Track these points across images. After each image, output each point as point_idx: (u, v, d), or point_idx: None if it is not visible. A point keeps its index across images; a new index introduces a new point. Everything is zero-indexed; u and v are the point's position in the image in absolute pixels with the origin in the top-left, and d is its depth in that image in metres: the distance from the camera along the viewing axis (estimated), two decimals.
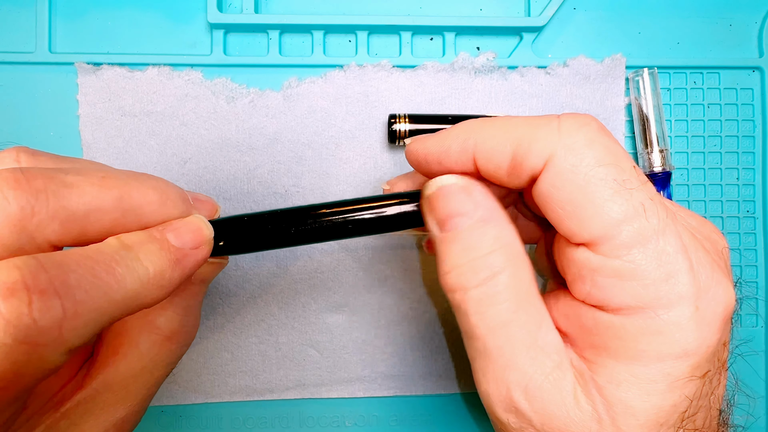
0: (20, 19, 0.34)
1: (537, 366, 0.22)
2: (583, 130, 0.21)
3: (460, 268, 0.23)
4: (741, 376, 0.35)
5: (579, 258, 0.22)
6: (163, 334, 0.25)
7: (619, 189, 0.20)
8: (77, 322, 0.17)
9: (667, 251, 0.20)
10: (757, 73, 0.37)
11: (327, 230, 0.24)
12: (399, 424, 0.35)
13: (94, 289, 0.18)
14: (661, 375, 0.20)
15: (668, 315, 0.20)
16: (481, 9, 0.37)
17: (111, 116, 0.34)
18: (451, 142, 0.24)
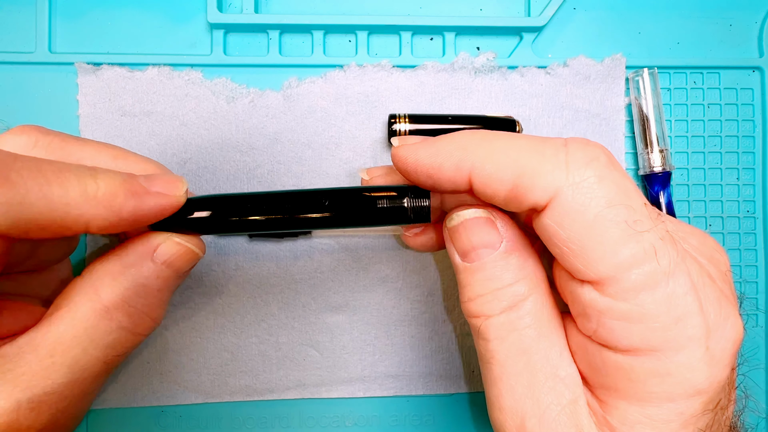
0: (20, 19, 0.34)
1: (554, 397, 0.21)
2: (592, 165, 0.20)
3: (483, 297, 0.23)
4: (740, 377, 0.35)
5: (584, 296, 0.21)
6: (102, 302, 0.23)
7: (630, 232, 0.19)
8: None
9: (677, 294, 0.19)
10: (757, 73, 0.37)
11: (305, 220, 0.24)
12: (399, 424, 0.35)
13: (31, 181, 0.20)
14: (675, 414, 0.20)
15: (678, 357, 0.19)
16: (481, 9, 0.37)
17: (111, 116, 0.34)
18: (444, 159, 0.22)
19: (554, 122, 0.36)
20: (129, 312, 0.24)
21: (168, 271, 0.24)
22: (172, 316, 0.34)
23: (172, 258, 0.24)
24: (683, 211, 0.37)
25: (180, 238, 0.24)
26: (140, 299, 0.24)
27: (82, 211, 0.21)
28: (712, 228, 0.37)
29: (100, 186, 0.21)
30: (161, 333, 0.34)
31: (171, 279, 0.25)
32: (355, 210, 0.24)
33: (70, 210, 0.21)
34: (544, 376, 0.22)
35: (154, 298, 0.25)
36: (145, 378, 0.34)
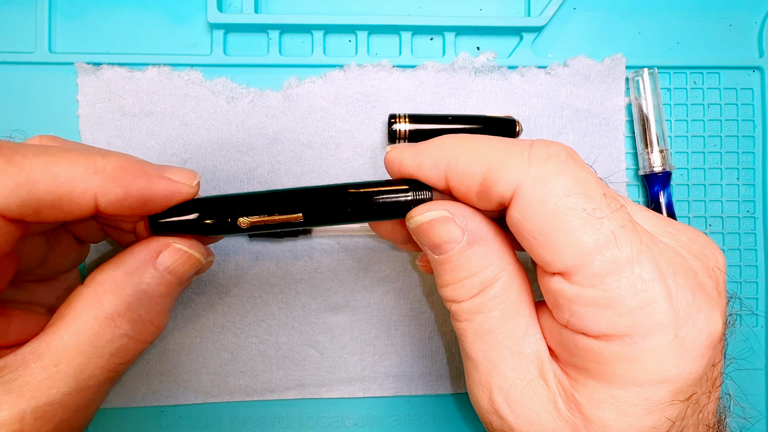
0: (20, 19, 0.34)
1: (520, 372, 0.23)
2: (551, 160, 0.21)
3: (453, 286, 0.24)
4: (741, 377, 0.35)
5: (555, 287, 0.21)
6: (105, 310, 0.23)
7: (589, 218, 0.20)
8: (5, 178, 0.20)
9: (643, 278, 0.20)
10: (757, 73, 0.37)
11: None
12: (399, 424, 0.35)
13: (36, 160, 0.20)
14: (640, 399, 0.20)
15: (646, 343, 0.20)
16: (481, 9, 0.37)
17: (111, 116, 0.34)
18: (424, 158, 0.24)
19: (554, 122, 0.36)
20: (132, 319, 0.24)
21: (170, 277, 0.24)
22: (172, 316, 0.34)
23: (174, 264, 0.24)
24: (683, 211, 0.37)
25: (182, 243, 0.24)
26: (143, 306, 0.24)
27: (90, 185, 0.21)
28: (712, 228, 0.37)
29: (109, 161, 0.22)
30: (161, 333, 0.34)
31: (174, 285, 0.25)
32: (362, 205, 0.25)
33: (77, 184, 0.21)
34: (510, 353, 0.23)
35: (157, 305, 0.24)
36: (145, 378, 0.34)
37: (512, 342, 0.23)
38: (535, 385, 0.23)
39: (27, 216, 0.21)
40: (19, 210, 0.20)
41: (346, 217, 0.25)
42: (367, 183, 0.25)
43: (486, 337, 0.23)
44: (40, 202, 0.21)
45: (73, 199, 0.21)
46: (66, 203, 0.21)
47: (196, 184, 0.24)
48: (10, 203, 0.20)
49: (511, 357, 0.23)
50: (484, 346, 0.24)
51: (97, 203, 0.22)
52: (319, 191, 0.25)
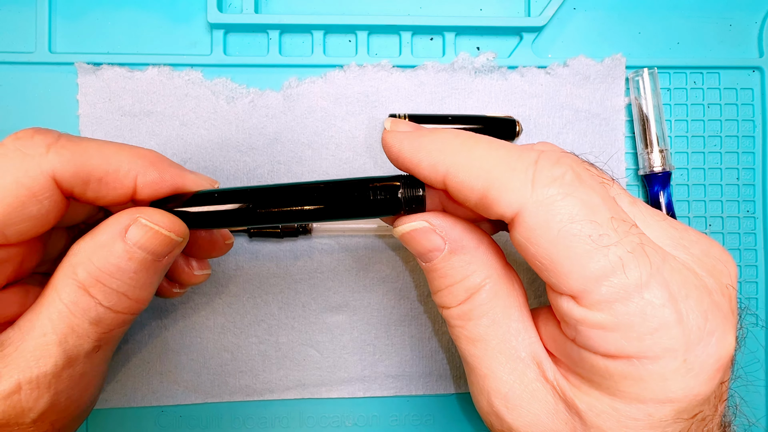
0: (20, 19, 0.34)
1: (516, 376, 0.23)
2: (556, 183, 0.20)
3: (442, 292, 0.25)
4: (740, 378, 0.35)
5: (563, 306, 0.21)
6: (79, 280, 0.23)
7: (595, 246, 0.20)
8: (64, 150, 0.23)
9: (653, 304, 0.19)
10: (757, 73, 0.37)
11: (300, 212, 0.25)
12: (399, 424, 0.35)
13: (90, 142, 0.24)
14: (643, 415, 0.20)
15: (653, 366, 0.20)
16: (481, 9, 0.37)
17: (111, 116, 0.34)
18: (423, 157, 0.23)
19: (554, 122, 0.36)
20: (105, 291, 0.24)
21: (142, 253, 0.24)
22: (172, 316, 0.34)
23: (144, 240, 0.24)
24: (683, 211, 0.37)
25: (149, 219, 0.24)
26: (114, 279, 0.24)
27: (133, 166, 0.24)
28: (712, 228, 0.37)
29: (150, 152, 0.25)
30: (161, 333, 0.34)
31: (148, 262, 0.24)
32: (349, 202, 0.24)
33: (123, 164, 0.24)
34: (504, 357, 0.23)
35: (131, 279, 0.24)
36: (145, 378, 0.34)
37: (505, 347, 0.23)
38: (533, 388, 0.23)
39: (77, 187, 0.23)
40: (72, 179, 0.23)
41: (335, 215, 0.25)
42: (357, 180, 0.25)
43: (478, 343, 0.24)
44: (90, 176, 0.23)
45: (119, 176, 0.24)
46: (112, 179, 0.24)
47: (216, 187, 0.26)
48: (67, 170, 0.23)
49: (506, 361, 0.23)
50: (478, 352, 0.24)
51: (137, 184, 0.24)
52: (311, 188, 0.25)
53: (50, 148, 0.22)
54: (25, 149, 0.22)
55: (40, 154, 0.22)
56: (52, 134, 0.23)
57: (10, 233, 0.22)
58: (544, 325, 0.24)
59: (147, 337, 0.34)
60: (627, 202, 0.24)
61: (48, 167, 0.22)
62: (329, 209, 0.25)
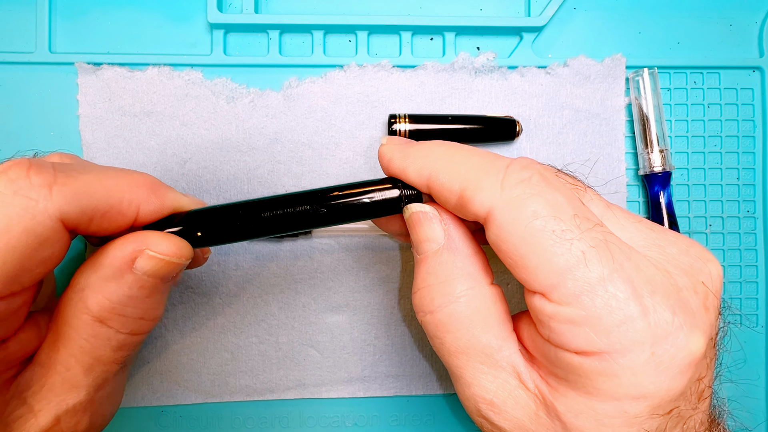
0: (20, 19, 0.34)
1: (500, 384, 0.23)
2: (522, 185, 0.22)
3: (422, 291, 0.25)
4: (741, 377, 0.35)
5: (535, 304, 0.22)
6: (94, 314, 0.23)
7: (558, 240, 0.21)
8: (67, 189, 0.21)
9: (617, 297, 0.20)
10: (757, 73, 0.37)
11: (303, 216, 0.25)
12: (399, 424, 0.35)
13: (89, 175, 0.23)
14: (618, 412, 0.21)
15: (623, 360, 0.20)
16: (481, 9, 0.37)
17: (111, 116, 0.34)
18: (409, 164, 0.25)
19: (554, 122, 0.36)
20: (122, 320, 0.24)
21: (151, 280, 0.24)
22: (172, 316, 0.34)
23: (153, 269, 0.24)
24: (683, 211, 0.37)
25: (156, 249, 0.24)
26: (129, 308, 0.24)
27: (134, 196, 0.24)
28: (712, 228, 0.37)
29: (147, 177, 0.25)
30: (161, 333, 0.34)
31: (157, 285, 0.24)
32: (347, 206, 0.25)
33: (125, 195, 0.23)
34: (486, 367, 0.24)
35: (144, 303, 0.24)
36: (145, 378, 0.34)
37: (486, 359, 0.24)
38: (516, 395, 0.23)
39: (81, 224, 0.22)
40: (78, 218, 0.22)
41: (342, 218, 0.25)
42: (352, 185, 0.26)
43: (459, 355, 0.24)
44: (95, 211, 0.22)
45: (122, 209, 0.23)
46: (116, 212, 0.23)
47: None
48: (72, 210, 0.22)
49: (488, 371, 0.24)
50: (459, 363, 0.24)
51: (139, 213, 0.24)
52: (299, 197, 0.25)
53: (52, 189, 0.21)
54: (25, 192, 0.21)
55: (44, 197, 0.21)
56: (47, 170, 0.22)
57: (25, 280, 0.22)
58: (526, 328, 0.24)
59: (147, 337, 0.34)
60: (602, 206, 0.24)
61: (54, 211, 0.21)
62: (330, 215, 0.25)
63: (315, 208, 0.25)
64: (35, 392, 0.24)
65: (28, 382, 0.24)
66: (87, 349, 0.24)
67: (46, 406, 0.24)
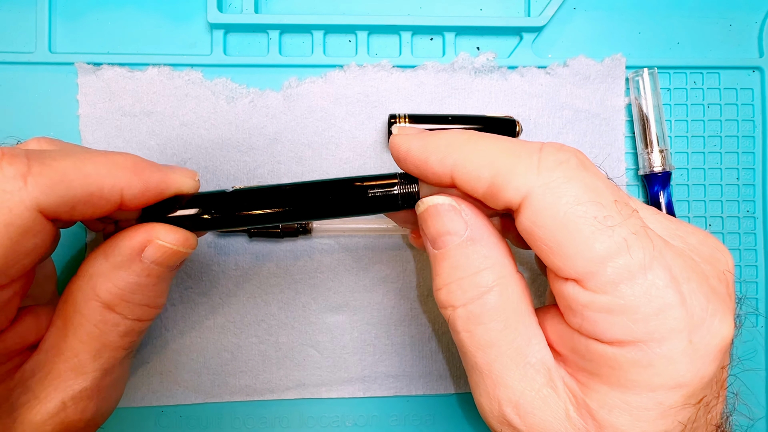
0: (20, 19, 0.34)
1: (527, 383, 0.22)
2: (561, 167, 0.21)
3: (449, 286, 0.24)
4: (741, 377, 0.35)
5: (568, 292, 0.21)
6: (103, 300, 0.24)
7: (600, 226, 0.20)
8: (42, 179, 0.21)
9: (657, 285, 0.20)
10: (757, 73, 0.37)
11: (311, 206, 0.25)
12: (399, 424, 0.35)
13: (66, 162, 0.22)
14: (653, 403, 0.20)
15: (660, 349, 0.20)
16: (481, 9, 0.37)
17: (111, 116, 0.34)
18: (431, 153, 0.23)
19: (554, 122, 0.36)
20: (129, 306, 0.25)
21: (159, 269, 0.25)
22: (172, 316, 0.34)
23: (160, 258, 0.25)
24: (683, 211, 0.37)
25: (165, 239, 0.24)
26: (136, 295, 0.25)
27: (116, 180, 0.23)
28: (712, 228, 0.37)
29: (127, 158, 0.24)
30: (161, 333, 0.34)
31: (163, 273, 0.25)
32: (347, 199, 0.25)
33: (106, 180, 0.23)
34: (515, 364, 0.23)
35: (150, 291, 0.25)
36: (145, 378, 0.34)
37: (516, 353, 0.23)
38: (544, 395, 0.22)
39: (63, 213, 0.22)
40: (57, 208, 0.22)
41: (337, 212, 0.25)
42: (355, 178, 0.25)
43: (488, 350, 0.23)
44: (75, 199, 0.22)
45: (104, 194, 0.23)
46: (97, 198, 0.23)
47: (197, 180, 0.26)
48: (50, 201, 0.21)
49: (516, 368, 0.23)
50: (487, 359, 0.23)
51: (123, 197, 0.23)
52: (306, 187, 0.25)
53: (27, 180, 0.21)
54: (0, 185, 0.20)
55: (19, 189, 0.21)
56: (20, 160, 0.21)
57: (12, 272, 0.22)
58: (550, 323, 0.24)
59: (147, 337, 0.34)
60: None
61: (31, 202, 0.21)
62: (332, 206, 0.25)
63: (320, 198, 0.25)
64: (41, 379, 0.24)
65: (33, 370, 0.24)
66: (95, 335, 0.24)
67: (53, 393, 0.24)
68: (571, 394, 0.22)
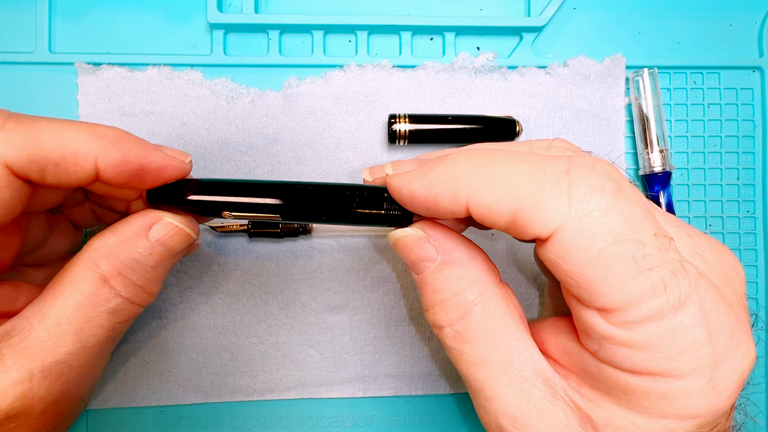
0: (20, 19, 0.34)
1: (523, 396, 0.22)
2: (596, 197, 0.19)
3: (434, 309, 0.24)
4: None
5: (588, 319, 0.20)
6: (101, 272, 0.24)
7: (638, 268, 0.18)
8: (15, 135, 0.21)
9: (685, 324, 0.19)
10: (757, 73, 0.37)
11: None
12: (399, 424, 0.35)
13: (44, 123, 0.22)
14: (663, 430, 0.20)
15: (678, 384, 0.19)
16: (481, 9, 0.37)
17: (111, 116, 0.34)
18: (440, 191, 0.21)
19: (554, 122, 0.36)
20: (125, 283, 0.25)
21: (161, 249, 0.25)
22: (172, 316, 0.34)
23: (165, 237, 0.25)
24: (683, 211, 0.37)
25: (174, 218, 0.25)
26: (135, 273, 0.25)
27: (91, 148, 0.23)
28: (712, 228, 0.37)
29: (110, 130, 0.23)
30: (161, 333, 0.34)
31: (165, 257, 0.26)
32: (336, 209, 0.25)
33: (80, 146, 0.22)
34: (508, 378, 0.22)
35: (148, 273, 0.25)
36: (145, 378, 0.34)
37: (507, 368, 0.22)
38: (541, 407, 0.22)
39: (33, 173, 0.22)
40: (27, 166, 0.22)
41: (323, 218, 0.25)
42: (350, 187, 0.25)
43: (479, 366, 0.23)
44: (46, 161, 0.22)
45: (77, 160, 0.22)
46: (70, 164, 0.22)
47: (189, 161, 0.26)
48: (19, 158, 0.21)
49: (510, 382, 0.22)
50: (479, 375, 0.23)
51: (98, 167, 0.23)
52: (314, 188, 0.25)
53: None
54: None
55: None
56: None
57: None
58: (555, 336, 0.23)
59: (146, 337, 0.34)
60: None
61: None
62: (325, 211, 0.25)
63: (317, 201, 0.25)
64: (13, 344, 0.23)
65: (8, 334, 0.23)
66: (84, 306, 0.24)
67: (22, 359, 0.23)
68: (574, 407, 0.22)
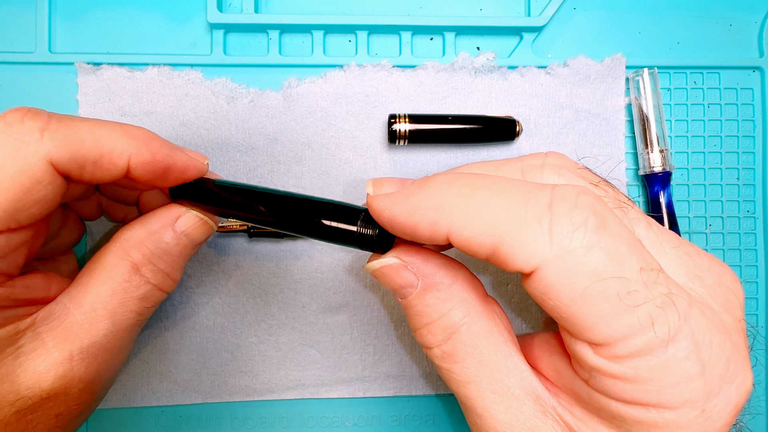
0: (20, 19, 0.34)
1: (513, 414, 0.22)
2: (578, 233, 0.18)
3: (420, 331, 0.24)
4: None
5: (578, 350, 0.20)
6: (133, 261, 0.26)
7: (623, 306, 0.18)
8: (58, 134, 0.23)
9: (677, 357, 0.18)
10: (757, 73, 0.37)
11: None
12: (399, 424, 0.35)
13: (82, 123, 0.24)
14: None
15: (670, 414, 0.19)
16: (481, 9, 0.37)
17: (111, 116, 0.34)
18: (420, 219, 0.21)
19: (554, 122, 0.36)
20: (154, 271, 0.27)
21: (186, 239, 0.28)
22: (172, 316, 0.34)
23: (189, 228, 0.28)
24: (683, 211, 0.37)
25: (198, 211, 0.28)
26: (162, 261, 0.27)
27: (126, 147, 0.24)
28: (712, 228, 0.37)
29: (140, 130, 0.25)
30: (161, 333, 0.34)
31: (188, 247, 0.28)
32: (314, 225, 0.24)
33: (116, 145, 0.24)
34: (498, 396, 0.22)
35: (174, 261, 0.28)
36: (145, 378, 0.34)
37: (497, 386, 0.22)
38: (533, 425, 0.22)
39: (73, 170, 0.24)
40: (68, 164, 0.23)
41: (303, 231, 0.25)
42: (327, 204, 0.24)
43: (469, 385, 0.23)
44: (85, 158, 0.24)
45: (113, 158, 0.24)
46: (106, 161, 0.24)
47: (206, 163, 0.28)
48: (63, 156, 0.23)
49: (500, 400, 0.22)
50: (470, 394, 0.23)
51: (130, 164, 0.25)
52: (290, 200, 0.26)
53: (43, 133, 0.23)
54: (18, 136, 0.22)
55: (35, 141, 0.22)
56: (41, 116, 0.23)
57: (22, 218, 0.23)
58: (547, 355, 0.23)
59: (147, 337, 0.34)
60: (643, 226, 0.23)
61: (44, 153, 0.22)
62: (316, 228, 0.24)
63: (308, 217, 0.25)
64: (53, 327, 0.25)
65: (46, 318, 0.25)
66: (117, 292, 0.26)
67: (63, 342, 0.25)
68: (564, 426, 0.22)
